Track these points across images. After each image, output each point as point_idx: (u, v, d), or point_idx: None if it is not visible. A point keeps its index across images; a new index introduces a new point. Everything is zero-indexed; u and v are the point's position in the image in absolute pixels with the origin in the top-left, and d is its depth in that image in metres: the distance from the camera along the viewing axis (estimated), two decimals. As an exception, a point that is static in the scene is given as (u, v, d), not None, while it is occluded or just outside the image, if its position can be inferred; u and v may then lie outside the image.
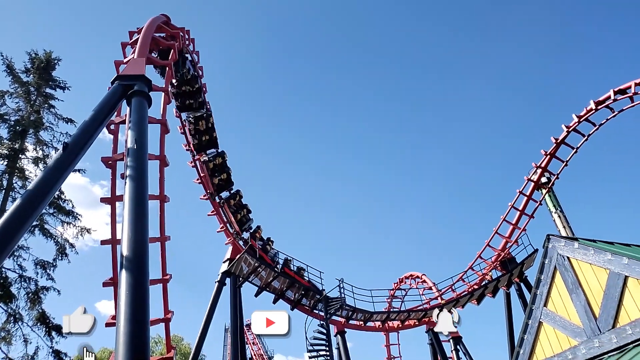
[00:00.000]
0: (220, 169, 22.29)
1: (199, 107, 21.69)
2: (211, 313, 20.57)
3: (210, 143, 22.27)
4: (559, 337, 9.25)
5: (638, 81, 19.85)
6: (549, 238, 9.74)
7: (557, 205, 24.80)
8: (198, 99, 21.46)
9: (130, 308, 6.50)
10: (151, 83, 11.59)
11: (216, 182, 22.14)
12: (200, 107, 21.75)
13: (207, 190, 22.22)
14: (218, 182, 22.15)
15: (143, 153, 9.56)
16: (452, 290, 27.05)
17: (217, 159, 22.26)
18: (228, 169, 22.68)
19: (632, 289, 7.95)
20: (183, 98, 21.25)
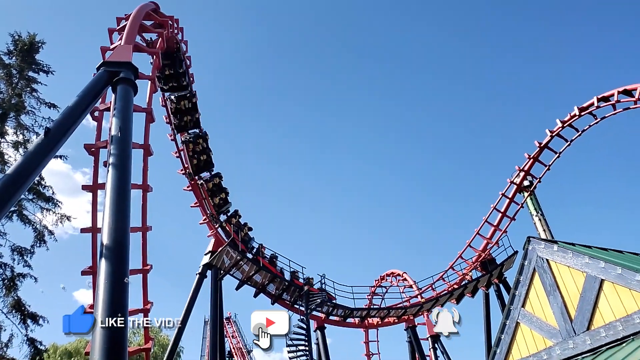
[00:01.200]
0: (201, 151, 21.95)
1: (183, 89, 21.45)
2: (191, 305, 20.48)
3: (193, 124, 21.86)
4: (535, 338, 9.40)
5: (621, 89, 20.17)
6: (529, 240, 9.88)
7: (538, 209, 25.17)
8: (183, 82, 21.15)
9: (108, 297, 6.43)
10: (138, 71, 11.44)
11: (195, 162, 21.79)
12: (185, 89, 21.48)
13: (185, 167, 21.90)
14: (197, 163, 21.83)
15: (127, 141, 9.44)
16: (432, 289, 27.29)
17: (198, 140, 21.88)
18: (209, 150, 22.32)
19: (607, 293, 8.11)
20: (167, 81, 20.98)
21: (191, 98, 21.43)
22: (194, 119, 21.87)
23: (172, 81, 20.81)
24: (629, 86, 19.90)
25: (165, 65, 19.97)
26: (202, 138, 22.07)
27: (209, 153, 22.34)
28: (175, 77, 20.73)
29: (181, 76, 20.82)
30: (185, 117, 21.56)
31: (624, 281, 7.80)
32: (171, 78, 20.74)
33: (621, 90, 20.19)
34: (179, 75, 20.71)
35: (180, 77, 20.80)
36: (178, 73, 20.62)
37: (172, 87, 20.99)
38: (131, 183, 9.17)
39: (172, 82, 20.86)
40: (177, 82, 20.92)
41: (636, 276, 7.61)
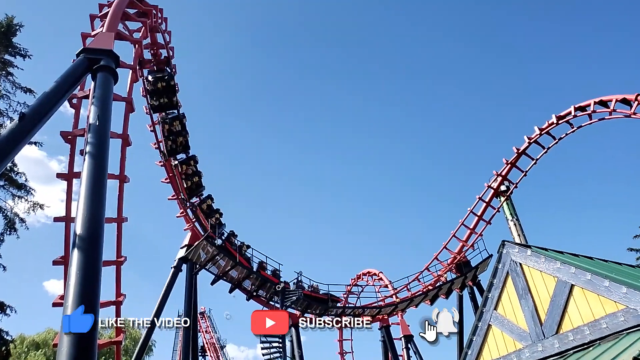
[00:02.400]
0: (177, 132, 21.53)
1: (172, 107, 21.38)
2: (165, 299, 20.26)
3: (169, 106, 21.40)
4: (505, 340, 9.56)
5: (597, 100, 20.65)
6: (504, 244, 10.04)
7: (514, 214, 25.60)
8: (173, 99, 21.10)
9: (80, 288, 6.30)
10: (119, 59, 11.21)
11: (170, 143, 21.45)
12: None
13: (159, 141, 21.56)
14: (171, 145, 21.47)
15: (105, 130, 9.26)
16: (408, 290, 27.55)
17: (175, 122, 21.48)
18: (186, 133, 21.91)
19: (576, 298, 8.30)
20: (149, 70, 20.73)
21: (169, 80, 20.80)
22: (172, 102, 21.30)
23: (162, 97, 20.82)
24: (604, 97, 20.37)
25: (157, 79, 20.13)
26: (178, 120, 21.64)
27: (186, 135, 21.90)
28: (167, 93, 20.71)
29: (164, 63, 20.54)
30: (163, 98, 21.02)
31: (592, 287, 7.99)
32: (160, 94, 20.70)
33: (597, 101, 20.66)
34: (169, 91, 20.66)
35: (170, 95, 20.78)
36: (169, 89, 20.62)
37: (161, 105, 20.95)
38: (108, 173, 9.02)
39: (162, 99, 20.86)
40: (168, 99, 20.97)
41: (604, 282, 7.80)
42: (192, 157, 22.29)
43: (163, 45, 20.29)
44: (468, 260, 26.95)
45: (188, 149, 22.17)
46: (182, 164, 21.90)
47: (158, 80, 20.64)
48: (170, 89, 20.95)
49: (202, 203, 22.35)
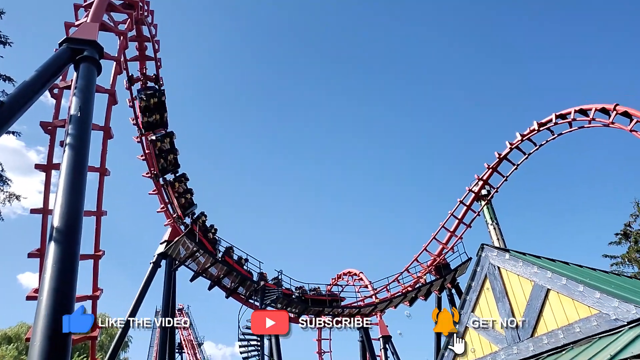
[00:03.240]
0: (167, 150, 21.67)
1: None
2: (143, 294, 20.05)
3: (159, 124, 21.64)
4: (482, 342, 9.69)
5: (577, 108, 21.04)
6: (483, 247, 10.16)
7: (494, 218, 25.94)
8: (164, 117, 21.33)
9: (55, 281, 6.19)
10: (103, 50, 11.04)
11: (162, 162, 21.61)
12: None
13: (151, 170, 21.60)
14: (163, 164, 21.59)
15: (87, 122, 9.11)
16: (387, 290, 27.71)
17: (165, 139, 21.64)
18: (176, 150, 22.10)
19: (552, 302, 8.44)
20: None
21: (160, 96, 21.12)
22: (163, 119, 21.58)
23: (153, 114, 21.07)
24: (585, 106, 20.75)
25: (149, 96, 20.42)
26: (168, 137, 21.76)
27: (176, 153, 22.07)
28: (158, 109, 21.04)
29: (162, 110, 21.18)
30: (154, 115, 21.29)
31: (567, 291, 8.14)
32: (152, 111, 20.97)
33: (577, 109, 21.05)
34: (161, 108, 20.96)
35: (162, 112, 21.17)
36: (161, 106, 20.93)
37: (151, 123, 21.12)
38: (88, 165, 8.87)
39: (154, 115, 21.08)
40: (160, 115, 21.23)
41: (579, 287, 7.95)
42: (183, 175, 22.44)
43: (148, 38, 20.06)
44: (447, 263, 27.22)
45: (178, 167, 22.29)
46: (174, 181, 22.03)
47: (150, 96, 20.89)
48: (161, 106, 21.22)
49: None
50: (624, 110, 18.94)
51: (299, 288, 24.85)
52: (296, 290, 24.64)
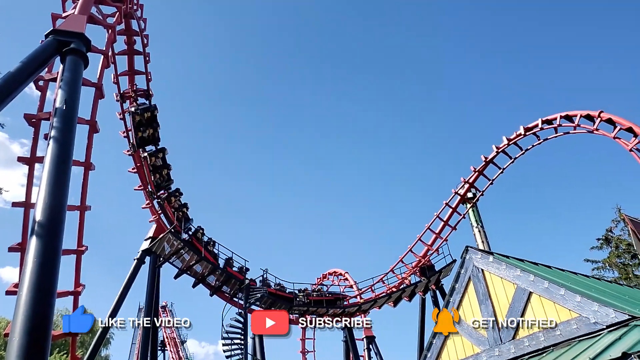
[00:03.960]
0: (147, 123, 21.32)
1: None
2: (126, 291, 19.85)
3: (152, 139, 21.67)
4: (464, 344, 9.77)
5: (563, 114, 21.33)
6: (467, 250, 10.25)
7: (479, 220, 26.16)
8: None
9: (36, 276, 6.09)
10: (90, 43, 10.89)
11: (156, 177, 21.62)
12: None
13: (146, 185, 21.56)
14: (157, 179, 21.61)
15: (72, 115, 8.99)
16: (372, 291, 27.81)
17: (158, 155, 21.58)
18: (168, 165, 22.01)
19: (534, 304, 8.54)
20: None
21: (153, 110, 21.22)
22: (155, 135, 21.62)
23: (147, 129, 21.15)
24: (570, 112, 21.06)
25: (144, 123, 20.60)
26: (161, 152, 21.68)
27: (156, 127, 21.68)
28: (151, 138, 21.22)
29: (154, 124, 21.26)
30: (148, 130, 21.29)
31: (549, 295, 8.24)
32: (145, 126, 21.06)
33: (563, 115, 21.34)
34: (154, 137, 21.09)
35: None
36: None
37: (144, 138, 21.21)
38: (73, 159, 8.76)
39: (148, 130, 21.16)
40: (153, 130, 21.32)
41: (560, 291, 8.06)
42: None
43: (137, 32, 19.87)
44: (432, 264, 27.39)
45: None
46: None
47: (144, 110, 20.88)
48: (154, 120, 21.24)
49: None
50: (608, 118, 19.25)
51: (303, 290, 25.42)
52: (300, 292, 25.21)
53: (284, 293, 24.46)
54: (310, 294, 25.22)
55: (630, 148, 18.70)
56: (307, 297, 25.27)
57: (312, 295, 25.42)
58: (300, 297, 25.05)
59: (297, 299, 24.83)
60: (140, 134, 21.12)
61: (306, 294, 24.94)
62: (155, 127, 21.47)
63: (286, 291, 24.64)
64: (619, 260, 33.44)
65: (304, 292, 25.25)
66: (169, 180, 22.20)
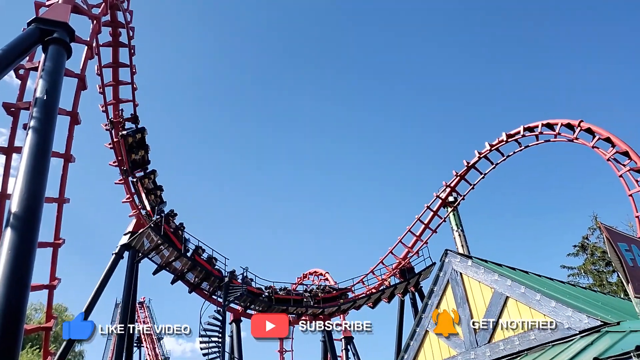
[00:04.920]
0: (153, 188, 21.83)
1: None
2: (103, 285, 19.59)
3: (142, 162, 21.84)
4: (441, 347, 9.85)
5: (545, 122, 21.68)
6: (447, 253, 10.34)
7: (459, 224, 26.43)
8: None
9: (10, 268, 5.97)
10: (74, 33, 10.70)
11: (151, 199, 21.69)
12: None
13: (121, 167, 21.32)
14: (152, 202, 21.62)
15: (53, 106, 8.82)
16: (352, 292, 27.89)
17: (137, 135, 21.43)
18: (147, 146, 21.92)
19: (510, 309, 8.67)
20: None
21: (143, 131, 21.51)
22: (145, 158, 21.89)
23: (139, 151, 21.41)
24: (551, 120, 21.42)
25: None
26: (152, 174, 21.93)
27: (161, 189, 22.29)
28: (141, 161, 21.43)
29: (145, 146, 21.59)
30: (140, 151, 21.56)
31: (525, 299, 8.37)
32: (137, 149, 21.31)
33: (545, 123, 21.69)
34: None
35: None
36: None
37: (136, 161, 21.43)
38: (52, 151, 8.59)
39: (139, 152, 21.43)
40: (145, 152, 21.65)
41: (536, 296, 8.19)
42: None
43: (123, 24, 19.61)
44: (412, 267, 27.61)
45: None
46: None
47: (136, 132, 21.23)
48: (143, 142, 21.53)
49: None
50: (587, 127, 19.63)
51: (310, 291, 25.87)
52: (305, 292, 25.74)
53: (334, 293, 24.97)
54: (318, 294, 25.29)
55: (607, 157, 19.10)
56: (314, 296, 25.73)
57: (319, 295, 25.83)
58: (306, 296, 25.73)
59: (304, 299, 25.57)
60: (134, 155, 21.40)
61: (313, 294, 24.97)
62: (146, 149, 21.76)
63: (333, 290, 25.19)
64: (594, 267, 34.14)
65: (310, 293, 25.57)
66: (162, 201, 22.25)
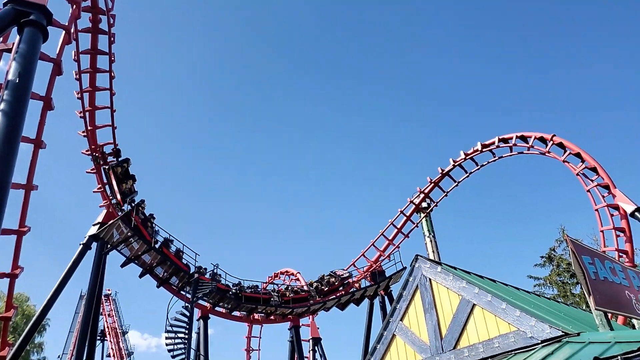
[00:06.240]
0: (124, 176, 21.29)
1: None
2: (68, 276, 19.12)
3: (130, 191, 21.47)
4: (407, 351, 9.95)
5: (519, 134, 22.15)
6: (417, 258, 10.44)
7: (431, 230, 26.75)
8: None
9: (-29, 255, 5.79)
10: (52, 17, 10.45)
11: (148, 229, 21.36)
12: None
13: (94, 155, 20.91)
14: (122, 191, 21.16)
15: (25, 89, 8.61)
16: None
17: (124, 164, 21.28)
18: (132, 176, 21.61)
19: (476, 316, 8.81)
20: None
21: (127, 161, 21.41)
22: (132, 188, 21.57)
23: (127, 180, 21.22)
24: (526, 133, 21.88)
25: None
26: (125, 162, 21.46)
27: (153, 218, 21.93)
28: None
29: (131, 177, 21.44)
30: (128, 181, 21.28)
31: (491, 308, 8.52)
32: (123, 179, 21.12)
33: (519, 136, 22.15)
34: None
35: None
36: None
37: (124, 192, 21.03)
38: (22, 135, 8.37)
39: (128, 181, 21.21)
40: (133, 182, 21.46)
41: (502, 304, 8.34)
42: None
43: (104, 11, 19.16)
44: (383, 270, 27.83)
45: (157, 233, 21.90)
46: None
47: (123, 162, 21.20)
48: (128, 173, 21.40)
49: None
50: (559, 142, 20.12)
51: (277, 291, 25.68)
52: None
53: (254, 294, 24.39)
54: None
55: (577, 172, 19.62)
56: (319, 293, 25.97)
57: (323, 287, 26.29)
58: (311, 289, 26.23)
59: (310, 295, 25.87)
60: (125, 185, 21.15)
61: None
62: (133, 179, 21.60)
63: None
64: (559, 278, 35.03)
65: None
66: (133, 192, 21.72)
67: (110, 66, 20.59)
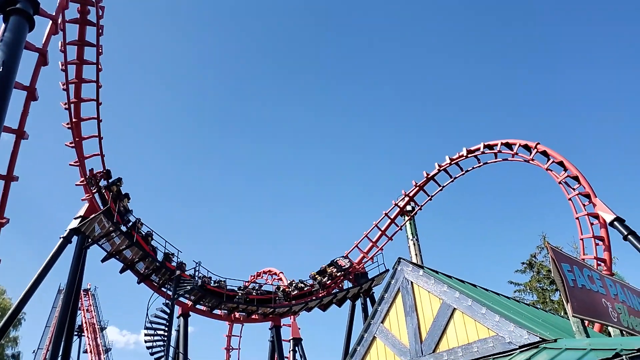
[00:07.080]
0: (117, 196, 21.21)
1: None
2: (47, 269, 18.77)
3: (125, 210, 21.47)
4: (387, 354, 10.00)
5: (504, 141, 22.44)
6: (400, 261, 10.49)
7: (415, 234, 26.99)
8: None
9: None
10: (39, 6, 10.28)
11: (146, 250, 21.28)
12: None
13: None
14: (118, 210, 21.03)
15: (9, 78, 8.46)
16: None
17: (117, 183, 21.32)
18: (126, 194, 21.80)
19: (456, 321, 8.89)
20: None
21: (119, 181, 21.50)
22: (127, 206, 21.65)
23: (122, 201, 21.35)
24: (510, 140, 22.18)
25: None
26: (117, 181, 21.40)
27: (151, 236, 21.92)
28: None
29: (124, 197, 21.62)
30: (123, 201, 21.36)
31: (471, 312, 8.60)
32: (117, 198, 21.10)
33: (504, 142, 22.44)
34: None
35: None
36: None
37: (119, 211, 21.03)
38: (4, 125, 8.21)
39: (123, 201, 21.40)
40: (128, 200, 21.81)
41: (482, 309, 8.43)
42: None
43: (92, 2, 18.90)
44: (366, 272, 27.92)
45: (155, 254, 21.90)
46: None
47: (114, 182, 21.23)
48: (120, 192, 21.45)
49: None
50: (543, 150, 20.43)
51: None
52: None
53: (219, 289, 23.79)
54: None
55: (559, 181, 19.94)
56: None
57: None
58: (315, 283, 26.30)
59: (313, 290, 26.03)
60: (122, 204, 21.20)
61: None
62: (127, 197, 21.73)
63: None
64: (539, 284, 35.47)
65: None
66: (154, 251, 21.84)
67: (98, 58, 20.29)
